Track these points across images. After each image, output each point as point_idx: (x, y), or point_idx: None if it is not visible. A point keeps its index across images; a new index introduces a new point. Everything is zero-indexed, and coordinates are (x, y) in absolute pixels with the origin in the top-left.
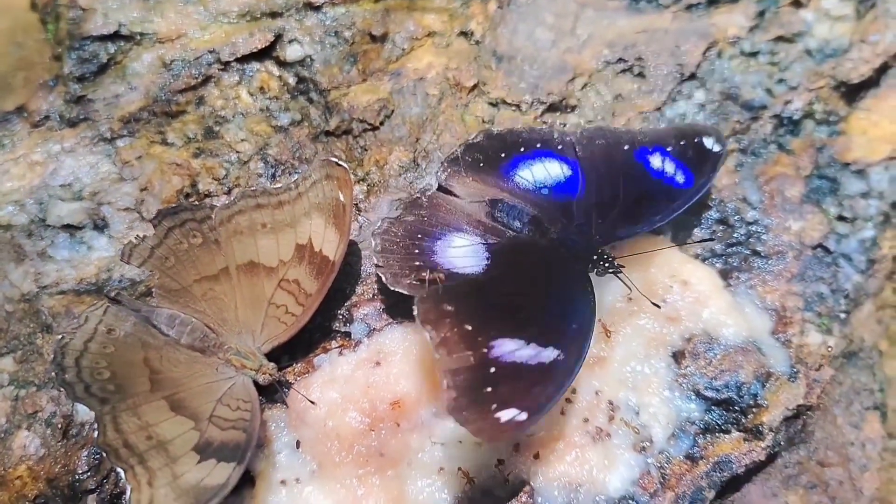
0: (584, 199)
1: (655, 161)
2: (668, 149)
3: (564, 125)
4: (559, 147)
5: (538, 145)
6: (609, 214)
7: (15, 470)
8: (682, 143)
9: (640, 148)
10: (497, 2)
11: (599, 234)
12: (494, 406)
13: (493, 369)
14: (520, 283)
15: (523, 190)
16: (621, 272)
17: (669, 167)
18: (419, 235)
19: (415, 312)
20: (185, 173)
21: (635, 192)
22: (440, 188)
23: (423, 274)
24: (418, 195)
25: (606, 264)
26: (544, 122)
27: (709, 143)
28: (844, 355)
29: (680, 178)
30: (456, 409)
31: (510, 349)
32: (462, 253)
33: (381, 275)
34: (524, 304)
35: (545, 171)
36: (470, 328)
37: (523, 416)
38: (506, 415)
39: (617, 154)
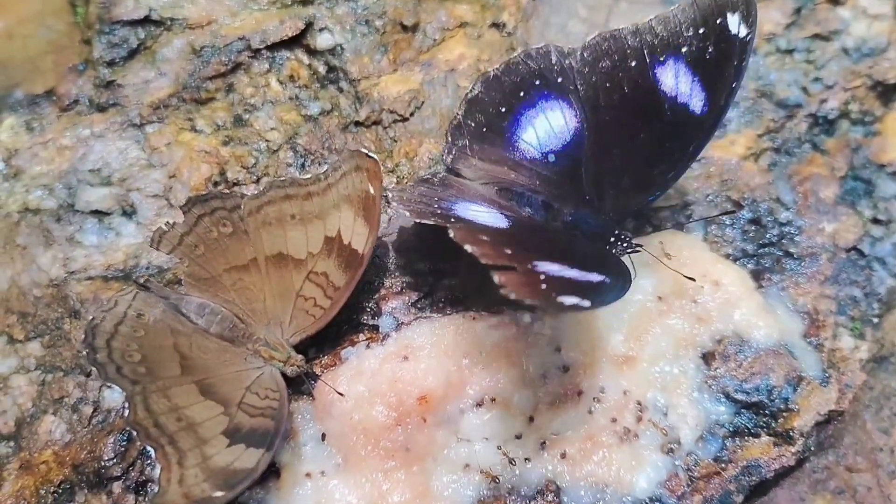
0: (593, 159)
1: (668, 78)
2: (684, 49)
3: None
4: (559, 81)
5: (537, 82)
6: (620, 180)
7: (41, 455)
8: (700, 31)
9: (650, 60)
10: None
11: (613, 211)
12: (554, 294)
13: (542, 276)
14: (551, 238)
15: (530, 160)
16: (639, 251)
17: (685, 83)
18: (436, 198)
19: (450, 234)
20: (214, 161)
21: (647, 139)
22: (449, 170)
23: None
24: (428, 175)
25: (624, 244)
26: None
27: (733, 24)
28: (875, 360)
29: (697, 102)
30: (514, 292)
31: (555, 269)
32: (482, 217)
33: (404, 210)
34: (559, 249)
35: (548, 126)
36: (509, 252)
37: (586, 303)
38: (569, 300)
39: (623, 80)
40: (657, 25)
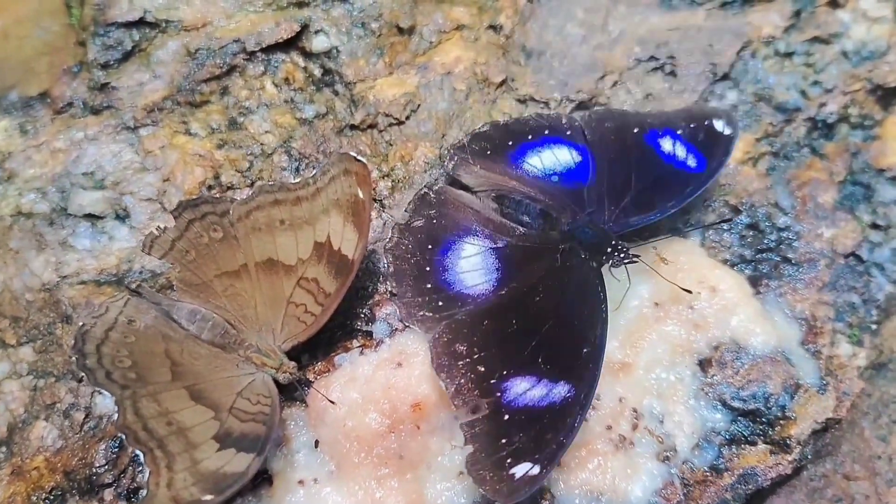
0: (595, 185)
1: (666, 144)
2: (679, 132)
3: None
4: (567, 133)
5: (546, 132)
6: (621, 202)
7: (32, 461)
8: (692, 125)
9: (650, 131)
10: None
11: (612, 223)
12: (509, 461)
13: (506, 416)
14: (530, 299)
15: (532, 178)
16: (636, 262)
17: (681, 151)
18: (429, 246)
19: (430, 358)
20: (208, 165)
21: (647, 178)
22: (448, 179)
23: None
24: (426, 190)
25: (622, 255)
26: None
27: (719, 125)
28: (874, 366)
29: (692, 162)
30: (475, 465)
31: (522, 390)
32: (472, 265)
33: (396, 307)
34: (535, 326)
35: (554, 158)
36: (482, 369)
37: (535, 469)
38: (519, 470)
39: (627, 138)
40: (654, 115)
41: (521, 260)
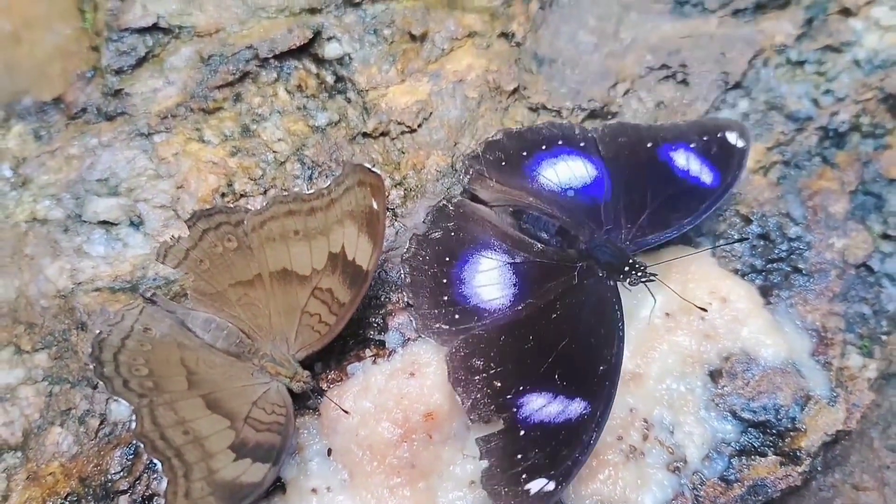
0: (612, 201)
1: (680, 159)
2: (692, 145)
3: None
4: (581, 144)
5: (560, 142)
6: (638, 219)
7: (48, 466)
8: (704, 138)
9: (663, 145)
10: (539, 2)
11: (630, 241)
12: (524, 477)
13: (522, 432)
14: (547, 316)
15: (548, 192)
16: (654, 280)
17: (695, 165)
18: (447, 258)
19: (447, 372)
20: (222, 172)
21: (662, 193)
22: (465, 192)
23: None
24: (444, 202)
25: (639, 273)
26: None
27: (732, 138)
28: (884, 376)
29: (706, 177)
30: (490, 480)
31: (538, 406)
32: (489, 280)
33: (411, 318)
34: (552, 343)
35: (569, 171)
36: (499, 384)
37: (551, 485)
38: (535, 486)
39: (641, 153)
40: (666, 127)
41: (539, 276)
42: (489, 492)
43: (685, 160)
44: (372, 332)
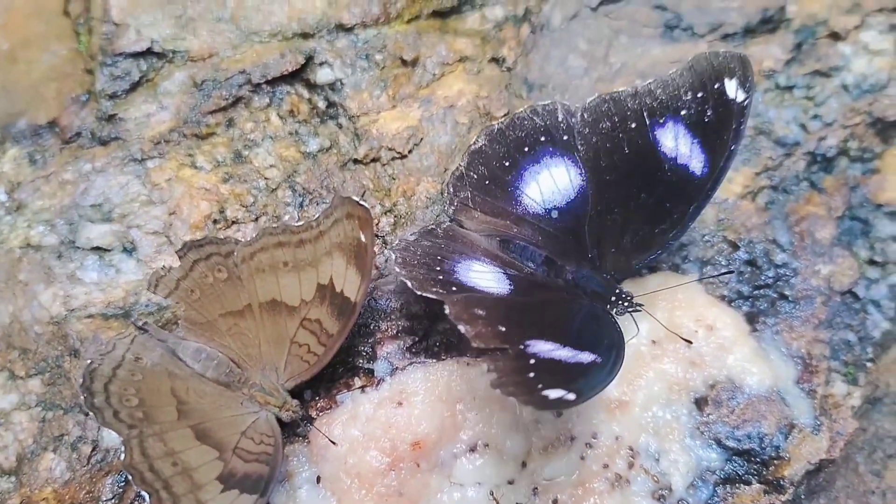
0: (595, 218)
1: (668, 139)
2: (683, 112)
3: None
4: (565, 138)
5: (542, 138)
6: (621, 239)
7: (41, 492)
8: (699, 95)
9: (650, 120)
10: (530, 25)
11: (615, 269)
12: (540, 386)
13: (532, 361)
14: (547, 308)
15: (533, 216)
16: (640, 310)
17: (684, 145)
18: (438, 257)
19: (446, 311)
20: (214, 199)
21: (647, 199)
22: (452, 220)
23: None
24: (433, 226)
25: (626, 304)
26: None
27: (731, 89)
28: (870, 401)
29: (696, 164)
30: (502, 386)
31: (547, 349)
32: (484, 277)
33: (405, 280)
34: (554, 321)
35: (552, 182)
36: (503, 329)
37: (572, 395)
38: (553, 394)
39: (625, 139)
40: (656, 88)
41: (529, 289)
42: (504, 392)
43: (673, 140)
44: (361, 361)
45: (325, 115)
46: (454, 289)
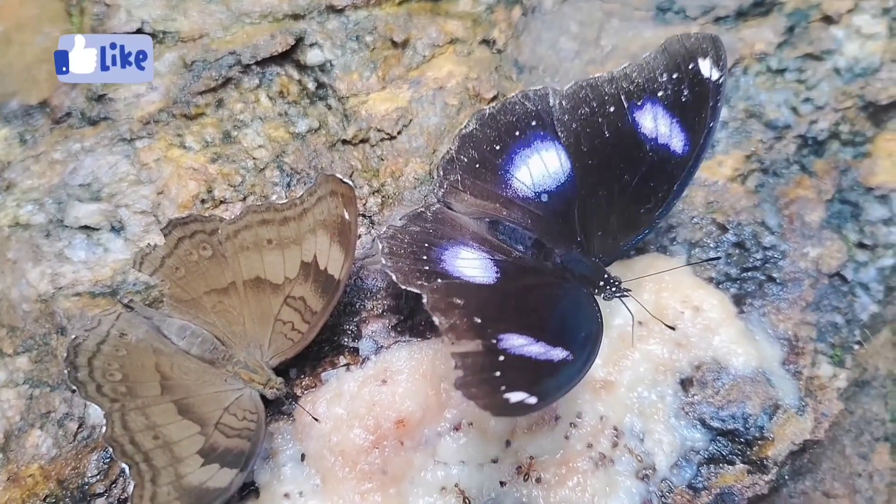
0: (584, 201)
1: (647, 120)
2: (660, 94)
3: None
4: (555, 123)
5: (533, 122)
6: (607, 221)
7: (28, 468)
8: (674, 77)
9: (628, 104)
10: (521, 8)
11: (602, 253)
12: (503, 388)
13: (501, 357)
14: (528, 296)
15: (523, 199)
16: (627, 296)
17: (663, 125)
18: (426, 245)
19: (423, 301)
20: (202, 178)
21: (631, 180)
22: (442, 202)
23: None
24: (422, 209)
25: (613, 288)
26: None
27: (705, 68)
28: (857, 384)
29: (676, 142)
30: (464, 387)
31: (519, 343)
32: (470, 265)
33: (390, 273)
34: (533, 311)
35: (542, 166)
36: (479, 321)
37: (533, 399)
38: (515, 397)
39: (605, 123)
40: (632, 72)
41: (516, 273)
42: (465, 395)
43: (652, 121)
44: (346, 339)
45: (314, 96)
46: (439, 280)
